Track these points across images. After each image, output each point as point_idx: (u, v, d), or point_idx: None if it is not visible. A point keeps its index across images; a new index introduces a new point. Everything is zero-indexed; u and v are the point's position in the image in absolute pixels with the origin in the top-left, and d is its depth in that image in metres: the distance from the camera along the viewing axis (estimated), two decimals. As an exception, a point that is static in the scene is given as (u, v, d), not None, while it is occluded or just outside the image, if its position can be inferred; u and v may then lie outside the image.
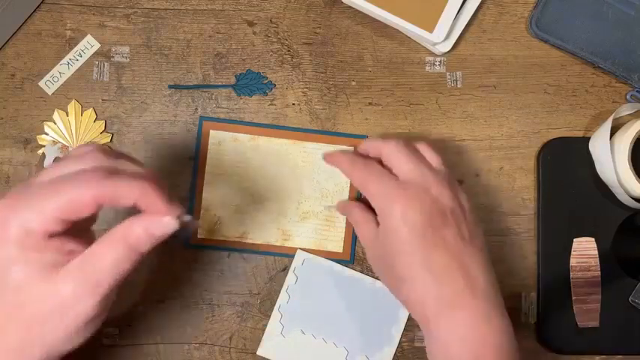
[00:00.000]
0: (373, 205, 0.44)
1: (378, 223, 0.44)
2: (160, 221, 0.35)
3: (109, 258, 0.34)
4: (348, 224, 0.54)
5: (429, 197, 0.43)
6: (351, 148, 0.52)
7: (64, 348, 0.35)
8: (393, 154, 0.45)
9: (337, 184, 0.54)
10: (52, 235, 0.34)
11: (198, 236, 0.53)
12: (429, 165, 0.45)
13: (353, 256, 0.54)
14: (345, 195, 0.54)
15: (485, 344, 0.40)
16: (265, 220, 0.53)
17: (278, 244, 0.53)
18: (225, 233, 0.53)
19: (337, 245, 0.54)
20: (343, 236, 0.54)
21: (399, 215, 0.42)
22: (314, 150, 0.54)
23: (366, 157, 0.47)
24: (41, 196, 0.33)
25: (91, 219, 0.39)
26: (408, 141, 0.46)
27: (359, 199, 0.53)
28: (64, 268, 0.33)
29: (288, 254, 0.53)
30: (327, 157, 0.49)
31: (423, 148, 0.46)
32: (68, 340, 0.34)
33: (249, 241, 0.53)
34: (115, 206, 0.34)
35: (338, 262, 0.53)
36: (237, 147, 0.53)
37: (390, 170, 0.45)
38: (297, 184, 0.54)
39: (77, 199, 0.33)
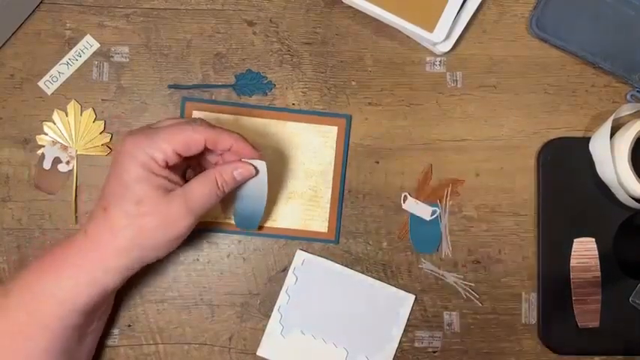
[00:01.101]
0: None
1: None
2: (243, 167, 0.46)
3: (203, 192, 0.45)
4: (333, 204, 0.54)
5: None
6: (333, 128, 0.52)
7: (154, 255, 0.45)
8: None
9: (321, 164, 0.54)
10: (167, 166, 0.44)
11: None
12: None
13: (338, 236, 0.54)
14: (330, 175, 0.54)
15: None
16: None
17: (262, 224, 0.53)
18: (210, 214, 0.53)
19: (322, 225, 0.54)
20: (328, 216, 0.54)
21: None
22: (298, 130, 0.54)
23: None
24: (164, 135, 0.43)
25: (184, 166, 0.49)
26: None
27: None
28: (172, 193, 0.44)
29: (273, 235, 0.53)
30: None
31: None
32: (158, 249, 0.45)
33: (233, 222, 0.53)
34: (215, 148, 0.45)
35: (326, 242, 0.53)
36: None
37: None
38: (281, 164, 0.54)
39: (191, 138, 0.44)
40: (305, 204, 0.54)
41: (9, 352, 0.43)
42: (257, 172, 0.47)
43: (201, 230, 0.53)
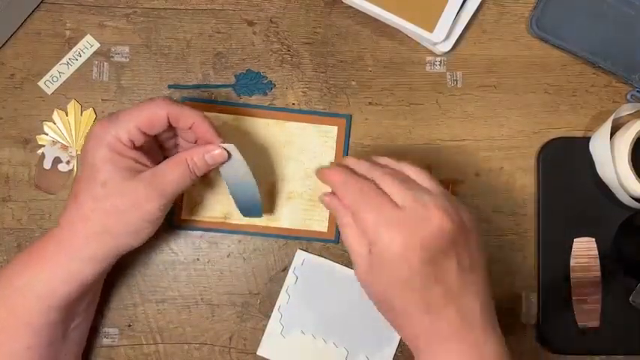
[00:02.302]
0: (367, 233, 0.41)
1: (369, 247, 0.41)
2: (214, 150, 0.45)
3: (173, 174, 0.44)
4: None
5: (429, 230, 0.40)
6: (334, 128, 0.52)
7: (127, 242, 0.44)
8: (383, 182, 0.42)
9: (321, 164, 0.54)
10: (134, 147, 0.44)
11: (182, 217, 0.53)
12: (426, 190, 0.42)
13: (338, 236, 0.54)
14: None
15: None
16: None
17: (262, 224, 0.53)
18: (209, 214, 0.53)
19: (322, 225, 0.54)
20: (328, 216, 0.54)
21: (400, 251, 0.39)
22: (297, 130, 0.54)
23: (359, 175, 0.43)
24: (128, 114, 0.43)
25: (155, 149, 0.49)
26: (398, 164, 0.44)
27: None
28: (139, 175, 0.43)
29: (273, 235, 0.54)
30: (319, 174, 0.45)
31: (415, 172, 0.43)
32: (133, 234, 0.44)
33: (233, 221, 0.53)
34: (177, 125, 0.45)
35: (325, 242, 0.53)
36: (220, 127, 0.52)
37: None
38: (281, 164, 0.54)
39: (154, 114, 0.44)
40: (305, 204, 0.54)
41: None
42: (230, 156, 0.46)
43: (201, 230, 0.53)
